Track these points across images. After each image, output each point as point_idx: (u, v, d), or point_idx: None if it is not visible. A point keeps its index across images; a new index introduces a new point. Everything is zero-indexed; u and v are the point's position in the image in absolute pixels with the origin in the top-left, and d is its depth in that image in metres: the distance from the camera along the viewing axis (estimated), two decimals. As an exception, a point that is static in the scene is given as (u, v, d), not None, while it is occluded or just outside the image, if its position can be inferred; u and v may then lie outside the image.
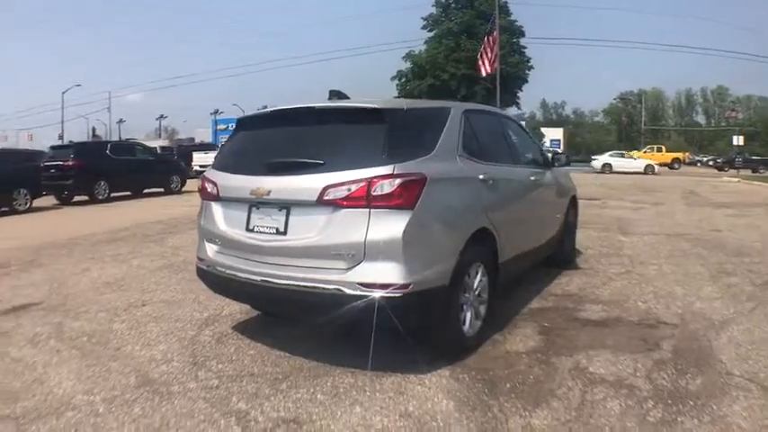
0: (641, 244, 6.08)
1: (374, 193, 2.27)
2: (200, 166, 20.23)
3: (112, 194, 12.69)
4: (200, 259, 2.95)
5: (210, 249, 2.87)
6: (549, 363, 2.67)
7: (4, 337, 3.03)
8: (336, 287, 2.32)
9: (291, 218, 2.48)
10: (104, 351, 2.82)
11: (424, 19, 24.24)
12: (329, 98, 2.97)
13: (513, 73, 23.23)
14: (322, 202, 2.35)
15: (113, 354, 2.78)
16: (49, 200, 12.37)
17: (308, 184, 2.38)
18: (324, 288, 2.35)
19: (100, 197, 12.30)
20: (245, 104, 46.65)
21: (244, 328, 3.23)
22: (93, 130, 51.50)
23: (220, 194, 2.78)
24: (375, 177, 2.29)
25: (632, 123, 65.28)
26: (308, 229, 2.42)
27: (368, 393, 2.32)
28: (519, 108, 35.36)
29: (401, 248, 2.28)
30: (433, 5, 24.12)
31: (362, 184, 2.28)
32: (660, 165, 31.09)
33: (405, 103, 2.76)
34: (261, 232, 2.57)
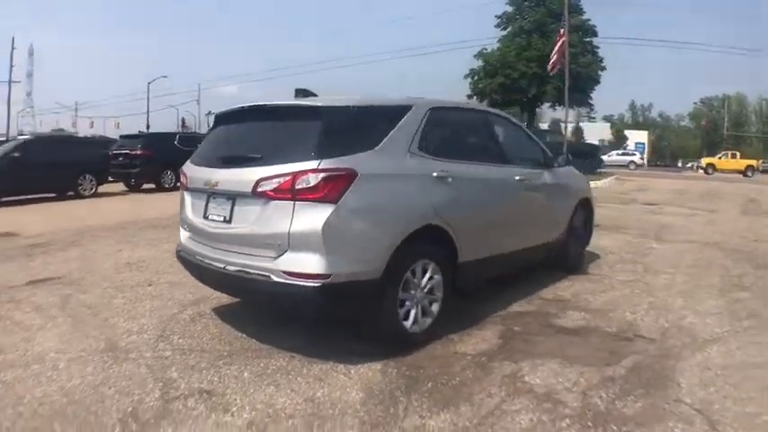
0: (670, 252, 5.63)
1: (298, 187, 2.38)
2: None
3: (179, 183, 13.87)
4: (178, 244, 3.25)
5: (183, 236, 3.14)
6: (487, 367, 2.59)
7: (15, 304, 3.50)
8: (267, 274, 2.46)
9: (235, 208, 2.65)
10: (93, 321, 3.18)
11: (498, 17, 24.11)
12: (295, 96, 3.11)
13: (585, 73, 22.17)
14: (256, 193, 2.49)
15: (100, 324, 3.13)
16: (119, 186, 13.41)
17: (246, 176, 2.53)
18: (257, 274, 2.50)
19: (166, 185, 13.19)
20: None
21: (223, 311, 3.44)
22: (183, 120, 53.80)
23: (188, 185, 3.04)
24: (300, 171, 2.39)
25: (715, 129, 60.67)
26: (246, 219, 2.59)
27: (290, 377, 2.43)
28: (591, 110, 33.21)
29: (321, 240, 2.36)
30: (506, 3, 23.84)
31: (288, 177, 2.39)
32: (733, 171, 28.79)
33: (352, 102, 2.81)
34: (213, 220, 2.78)
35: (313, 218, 2.36)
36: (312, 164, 2.40)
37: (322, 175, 2.38)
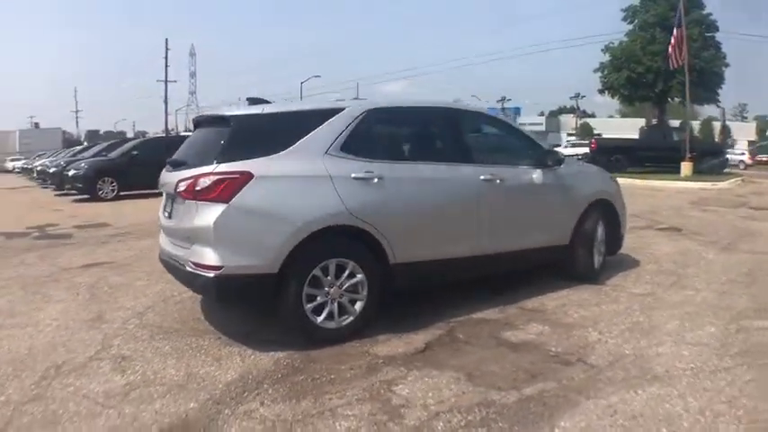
0: (725, 264, 4.71)
1: (197, 188, 2.66)
2: None
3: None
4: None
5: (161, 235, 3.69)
6: (375, 371, 2.53)
7: (55, 282, 4.33)
8: (184, 264, 2.81)
9: (173, 206, 3.05)
10: (104, 298, 3.85)
11: (623, 10, 23.14)
12: (248, 104, 3.42)
13: (708, 68, 20.03)
14: (177, 193, 2.85)
15: (106, 300, 3.78)
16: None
17: (174, 179, 2.89)
18: (181, 264, 2.87)
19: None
20: (485, 96, 49.18)
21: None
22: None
23: (160, 186, 3.58)
24: (199, 175, 2.68)
25: None
26: (176, 215, 2.98)
27: (197, 354, 2.74)
28: (719, 106, 29.83)
29: (213, 235, 2.61)
30: None
31: (191, 180, 2.69)
32: None
33: (266, 108, 3.00)
34: (167, 217, 3.21)
35: (207, 215, 2.62)
36: (209, 168, 2.68)
37: (215, 177, 2.63)
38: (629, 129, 28.60)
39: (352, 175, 2.94)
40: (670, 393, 2.27)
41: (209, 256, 2.63)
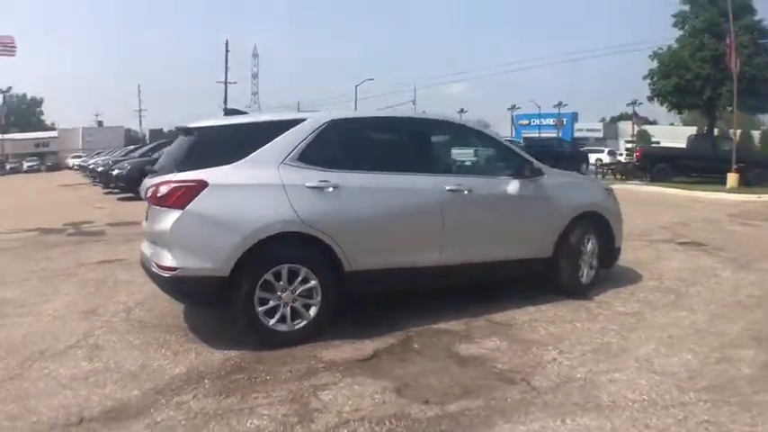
0: (737, 284, 4.36)
1: (158, 195, 2.92)
2: None
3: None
4: None
5: None
6: (312, 375, 2.63)
7: (68, 277, 4.79)
8: (151, 265, 3.07)
9: (149, 211, 3.32)
10: (106, 293, 4.21)
11: (674, 16, 22.55)
12: (224, 115, 3.69)
13: (760, 76, 18.96)
14: (147, 199, 3.15)
15: (106, 295, 4.14)
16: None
17: (147, 185, 3.18)
18: (150, 265, 3.13)
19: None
20: (543, 101, 48.84)
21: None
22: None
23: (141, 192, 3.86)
24: (160, 183, 2.93)
25: None
26: (148, 220, 3.24)
27: (160, 348, 3.00)
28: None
29: (168, 239, 2.86)
30: (680, 1, 22.12)
31: (155, 187, 2.95)
32: None
33: (229, 120, 3.22)
34: (145, 221, 3.47)
35: (166, 220, 2.87)
36: (168, 177, 2.93)
37: (173, 185, 2.87)
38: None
39: (307, 185, 3.08)
40: (602, 427, 2.15)
41: (167, 258, 2.89)
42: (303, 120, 3.25)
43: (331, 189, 3.12)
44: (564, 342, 3.12)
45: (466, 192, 3.53)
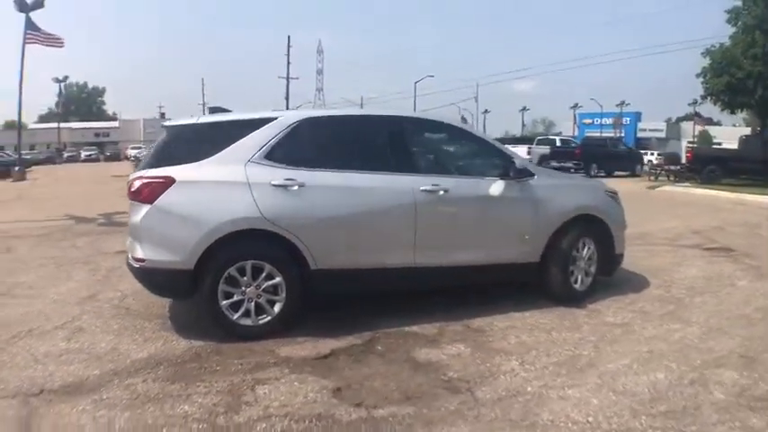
0: (750, 294, 4.09)
1: (132, 190, 3.11)
2: None
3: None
4: None
5: None
6: (261, 370, 2.73)
7: (84, 264, 5.14)
8: (128, 256, 3.32)
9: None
10: (112, 281, 4.48)
11: (728, 12, 21.10)
12: (210, 113, 3.82)
13: None
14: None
15: (111, 283, 4.39)
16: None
17: (128, 180, 3.45)
18: (127, 256, 3.40)
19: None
20: (605, 100, 48.51)
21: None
22: (462, 119, 56.38)
23: None
24: (134, 179, 3.13)
25: None
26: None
27: (135, 333, 3.24)
28: None
29: (138, 232, 3.06)
30: None
31: (131, 183, 3.16)
32: None
33: (200, 119, 3.34)
34: None
35: (138, 214, 3.06)
36: (141, 173, 3.12)
37: (143, 181, 3.06)
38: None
39: (272, 183, 3.17)
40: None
41: (138, 250, 3.10)
42: (274, 119, 3.35)
43: (296, 187, 3.19)
44: (531, 352, 3.01)
45: (442, 192, 3.47)
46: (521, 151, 23.88)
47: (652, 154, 29.22)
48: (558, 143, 23.16)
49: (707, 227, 7.24)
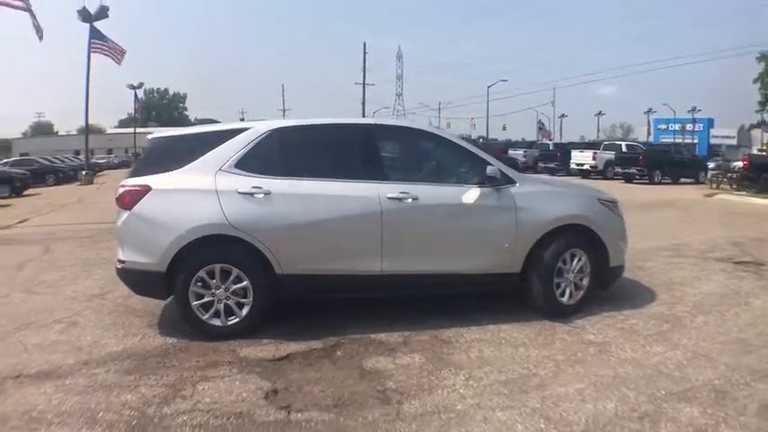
0: (762, 315, 3.66)
1: (116, 197, 3.49)
2: (576, 164, 23.28)
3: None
4: None
5: None
6: (213, 368, 2.94)
7: (109, 265, 4.95)
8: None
9: None
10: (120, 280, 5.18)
11: None
12: (197, 124, 4.18)
13: None
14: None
15: (117, 281, 4.86)
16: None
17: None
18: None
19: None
20: (677, 105, 47.80)
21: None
22: (540, 123, 55.09)
23: None
24: (119, 186, 3.51)
25: None
26: None
27: (116, 328, 3.60)
28: None
29: (120, 235, 3.42)
30: None
31: (116, 190, 3.56)
32: None
33: (179, 131, 3.67)
34: None
35: (119, 220, 3.43)
36: (124, 182, 3.50)
37: (125, 189, 3.43)
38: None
39: (239, 191, 3.40)
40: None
41: (119, 252, 3.48)
42: (246, 129, 3.60)
43: (262, 195, 3.41)
44: (484, 368, 2.96)
45: (410, 200, 3.52)
46: (587, 156, 23.87)
47: (716, 161, 27.78)
48: (624, 149, 22.62)
49: (746, 239, 6.75)
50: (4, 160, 25.87)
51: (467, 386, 2.74)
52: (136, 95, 35.17)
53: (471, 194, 3.62)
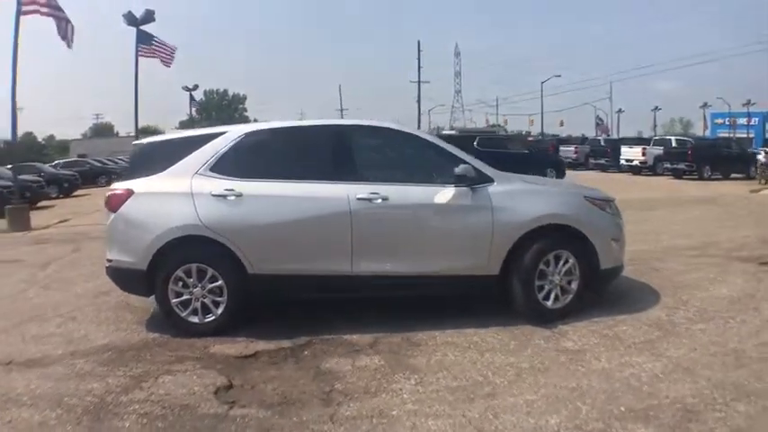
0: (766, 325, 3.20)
1: (105, 200, 3.79)
2: (626, 160, 22.98)
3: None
4: None
5: None
6: (181, 364, 3.13)
7: None
8: None
9: None
10: None
11: None
12: (178, 128, 4.41)
13: None
14: None
15: None
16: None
17: None
18: None
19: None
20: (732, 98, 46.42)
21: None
22: (598, 119, 53.81)
23: None
24: (107, 190, 3.83)
25: None
26: None
27: (109, 325, 3.89)
28: None
29: (107, 236, 3.72)
30: None
31: (105, 194, 3.89)
32: None
33: (161, 137, 3.91)
34: None
35: (107, 221, 3.73)
36: (113, 186, 3.82)
37: (112, 192, 3.73)
38: None
39: (212, 193, 3.59)
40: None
41: (107, 252, 3.79)
42: (222, 133, 3.79)
43: (233, 197, 3.58)
44: (440, 373, 2.95)
45: (380, 201, 3.56)
46: (636, 152, 22.77)
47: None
48: (674, 143, 21.59)
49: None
50: (56, 162, 27.62)
51: (413, 391, 2.74)
52: (191, 97, 37.01)
53: (444, 194, 3.59)
